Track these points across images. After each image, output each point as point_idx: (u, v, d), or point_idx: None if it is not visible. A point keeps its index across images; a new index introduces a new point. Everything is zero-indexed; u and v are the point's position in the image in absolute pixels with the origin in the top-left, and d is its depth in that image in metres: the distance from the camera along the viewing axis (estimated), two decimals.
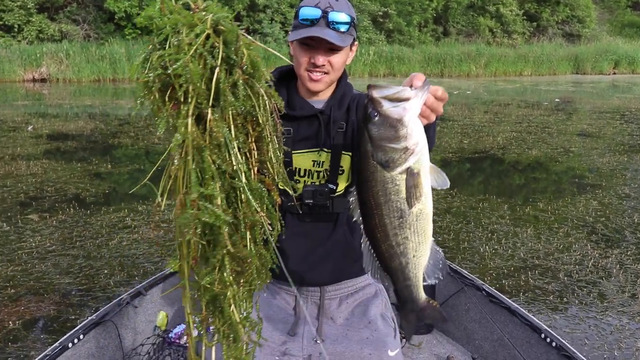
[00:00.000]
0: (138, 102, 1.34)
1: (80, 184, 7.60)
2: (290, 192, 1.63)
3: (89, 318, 2.65)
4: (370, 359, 1.96)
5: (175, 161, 1.33)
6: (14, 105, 16.42)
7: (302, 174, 2.02)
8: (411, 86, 1.31)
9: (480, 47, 30.65)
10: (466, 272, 3.15)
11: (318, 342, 2.04)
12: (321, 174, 2.02)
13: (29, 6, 24.82)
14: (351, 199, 1.42)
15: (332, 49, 1.90)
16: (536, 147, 10.71)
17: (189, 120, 1.29)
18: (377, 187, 1.26)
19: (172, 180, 1.35)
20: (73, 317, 4.09)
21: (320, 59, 1.90)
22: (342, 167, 2.02)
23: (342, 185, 2.04)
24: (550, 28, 35.18)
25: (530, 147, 10.69)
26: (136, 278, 4.71)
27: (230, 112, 1.32)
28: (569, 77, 30.67)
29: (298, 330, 2.08)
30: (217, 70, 1.29)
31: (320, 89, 1.98)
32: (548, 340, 2.51)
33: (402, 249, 1.32)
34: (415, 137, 1.23)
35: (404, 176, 1.25)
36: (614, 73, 32.86)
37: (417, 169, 1.24)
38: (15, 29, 24.88)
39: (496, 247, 5.54)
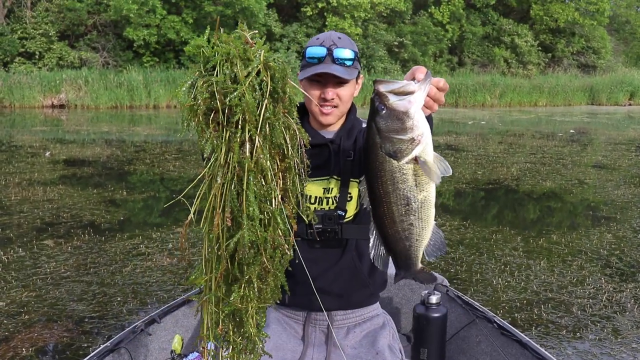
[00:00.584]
0: (184, 124, 1.40)
1: (96, 211, 7.68)
2: (306, 219, 1.67)
3: (103, 345, 2.67)
4: None
5: (219, 179, 1.37)
6: (32, 131, 16.68)
7: (312, 200, 2.09)
8: (414, 79, 1.37)
9: (495, 77, 30.77)
10: (478, 304, 3.15)
11: None
12: (330, 201, 2.10)
13: (50, 34, 25.39)
14: (361, 188, 1.50)
15: (340, 82, 2.00)
16: (550, 179, 10.68)
17: (247, 146, 1.37)
18: (385, 177, 1.34)
19: (213, 199, 1.39)
20: (86, 344, 4.11)
21: (330, 93, 2.00)
22: (350, 194, 2.09)
23: (350, 212, 2.11)
24: (566, 59, 35.29)
25: (545, 179, 10.66)
26: (149, 305, 4.74)
27: (269, 142, 1.39)
28: (584, 108, 30.63)
29: (306, 359, 2.10)
30: (265, 102, 1.35)
31: (331, 121, 2.08)
32: None
33: (407, 234, 1.40)
34: (420, 128, 1.29)
35: (411, 165, 1.31)
36: (630, 104, 32.79)
37: (422, 158, 1.31)
38: (37, 56, 25.42)
39: (509, 279, 5.51)
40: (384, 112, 1.30)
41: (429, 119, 1.62)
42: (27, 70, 24.49)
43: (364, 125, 2.16)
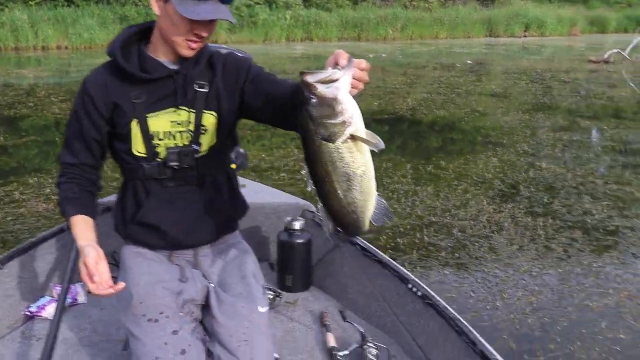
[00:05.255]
0: None
1: None
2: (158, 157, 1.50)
3: None
4: (242, 311, 1.96)
5: None
6: None
7: (161, 137, 1.95)
8: (337, 64, 1.45)
9: (396, 10, 30.78)
10: None
11: (211, 284, 2.05)
12: (183, 135, 1.96)
13: None
14: (303, 172, 1.56)
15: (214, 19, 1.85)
16: (444, 108, 10.87)
17: None
18: (324, 159, 1.44)
19: None
20: None
21: (206, 31, 1.86)
22: (204, 126, 1.97)
23: (205, 146, 2.00)
24: None
25: (439, 108, 10.85)
26: None
27: None
28: (482, 40, 31.28)
29: (187, 275, 2.04)
30: None
31: (193, 54, 1.93)
32: (414, 290, 2.50)
33: (352, 208, 1.50)
34: (349, 110, 1.40)
35: (346, 144, 1.41)
36: (525, 36, 33.76)
37: (355, 133, 1.42)
38: None
39: (395, 206, 5.57)
40: (314, 100, 1.38)
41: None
42: None
43: (211, 47, 2.05)
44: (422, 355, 2.33)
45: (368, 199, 1.51)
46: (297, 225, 2.96)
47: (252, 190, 3.47)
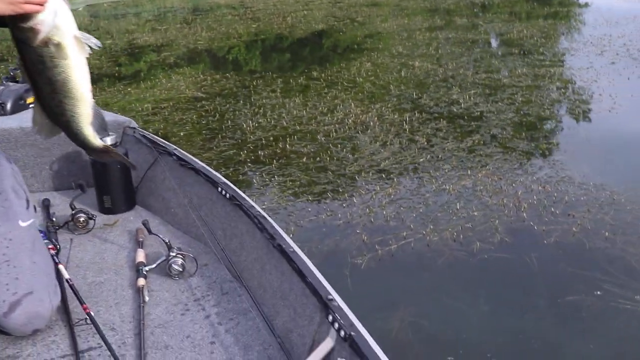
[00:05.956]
0: None
1: None
2: None
3: None
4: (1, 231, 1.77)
5: None
6: None
7: None
8: None
9: None
10: (161, 139, 2.85)
11: None
12: None
13: None
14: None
15: None
16: (323, 22, 10.60)
17: None
18: (26, 61, 1.40)
19: None
20: None
21: None
22: None
23: None
24: None
25: (318, 22, 10.57)
26: None
27: None
28: None
29: None
30: None
31: None
32: (224, 193, 2.30)
33: (60, 111, 1.47)
34: (40, 16, 1.33)
35: (46, 49, 1.36)
36: None
37: (56, 40, 1.36)
38: None
39: (261, 120, 5.33)
40: None
41: None
42: None
43: None
44: (231, 258, 2.16)
45: (76, 104, 1.47)
46: (108, 141, 2.64)
47: None
